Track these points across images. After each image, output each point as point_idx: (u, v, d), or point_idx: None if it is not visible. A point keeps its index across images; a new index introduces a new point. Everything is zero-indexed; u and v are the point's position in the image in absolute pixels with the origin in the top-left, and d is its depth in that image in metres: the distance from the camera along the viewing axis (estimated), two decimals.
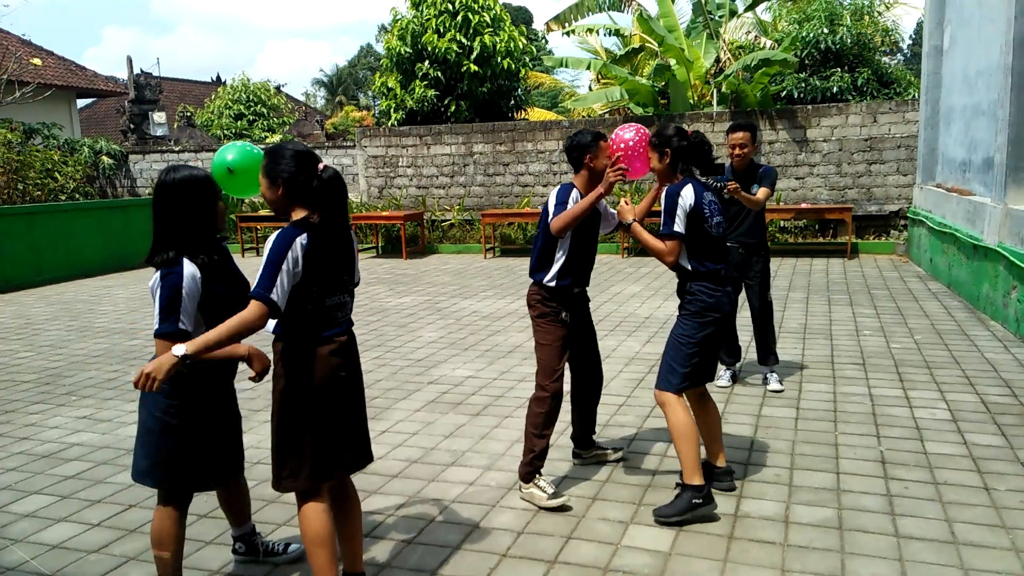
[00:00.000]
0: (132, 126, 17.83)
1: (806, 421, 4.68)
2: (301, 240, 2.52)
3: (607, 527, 3.42)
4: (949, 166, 10.01)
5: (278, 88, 29.06)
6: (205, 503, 3.69)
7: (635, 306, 8.20)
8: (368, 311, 8.61)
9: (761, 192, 5.13)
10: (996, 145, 7.50)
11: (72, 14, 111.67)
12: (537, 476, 3.71)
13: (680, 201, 3.46)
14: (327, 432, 2.67)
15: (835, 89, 13.32)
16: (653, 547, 3.23)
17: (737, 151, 5.16)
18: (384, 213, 13.70)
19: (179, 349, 2.41)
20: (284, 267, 2.48)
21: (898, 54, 20.37)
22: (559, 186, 3.75)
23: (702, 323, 3.54)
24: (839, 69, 13.56)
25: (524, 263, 12.20)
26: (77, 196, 14.08)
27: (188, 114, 20.26)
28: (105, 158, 16.16)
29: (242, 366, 2.84)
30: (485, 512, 3.60)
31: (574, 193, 3.67)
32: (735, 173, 5.25)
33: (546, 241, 3.70)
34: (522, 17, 19.57)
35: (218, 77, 32.24)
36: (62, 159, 14.01)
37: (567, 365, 3.84)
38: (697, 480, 3.43)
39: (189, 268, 2.63)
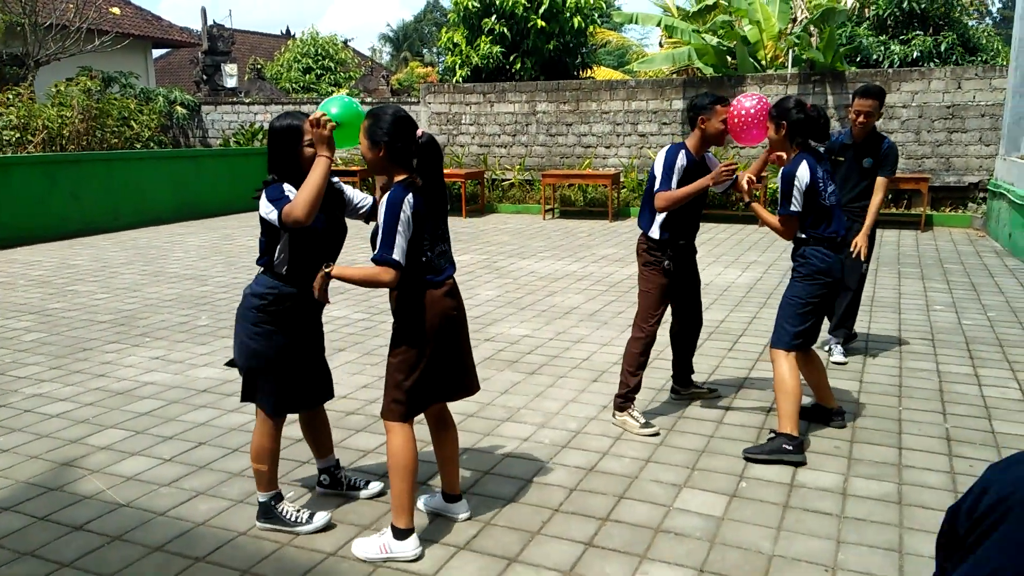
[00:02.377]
0: (205, 77, 18.20)
1: (869, 395, 4.58)
2: (409, 200, 2.75)
3: (660, 489, 3.44)
4: None
5: (345, 43, 29.21)
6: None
7: (713, 275, 8.07)
8: None
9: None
10: None
11: None
12: (630, 407, 4.09)
13: (796, 183, 3.67)
14: (439, 368, 2.93)
15: (916, 54, 12.70)
16: (706, 512, 3.23)
17: (862, 119, 4.93)
18: (446, 171, 13.72)
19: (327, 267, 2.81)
20: (400, 228, 2.73)
21: (987, 18, 19.28)
22: (668, 147, 3.96)
23: (812, 285, 3.77)
24: (922, 32, 12.90)
25: (583, 225, 12.13)
26: (152, 145, 14.49)
27: (258, 67, 20.54)
28: (179, 108, 16.57)
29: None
30: (538, 468, 3.66)
31: (681, 156, 3.90)
32: (854, 141, 5.07)
33: (649, 195, 3.95)
34: None
35: (288, 30, 32.51)
36: (138, 108, 14.39)
37: (669, 311, 4.20)
38: (791, 430, 3.68)
39: (287, 186, 2.93)
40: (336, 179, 3.10)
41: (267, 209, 2.88)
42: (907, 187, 11.42)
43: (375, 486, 3.40)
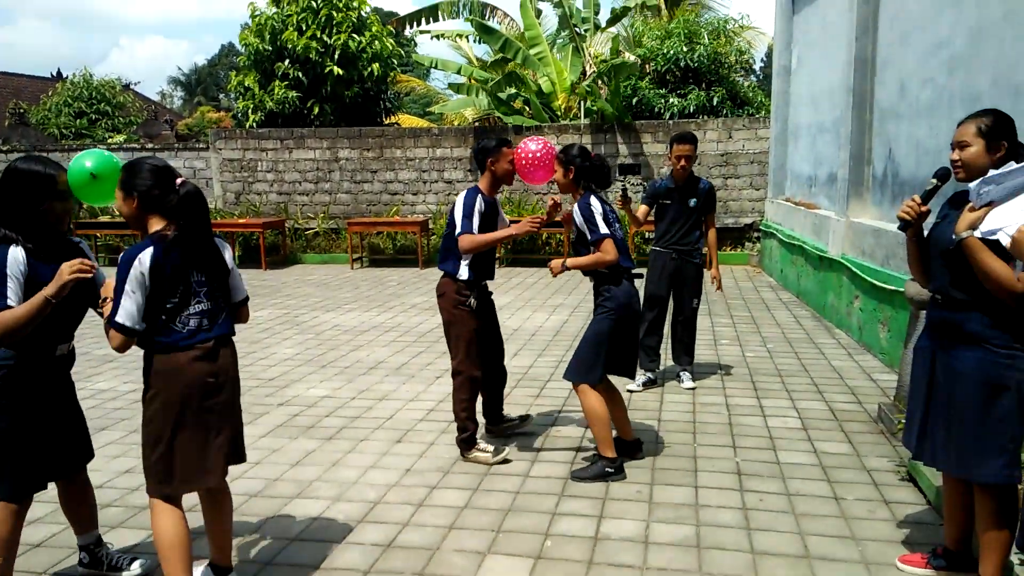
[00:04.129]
0: None
1: (667, 433, 4.67)
2: (143, 257, 2.56)
3: (463, 559, 3.20)
4: (797, 181, 10.57)
5: (127, 86, 27.11)
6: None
7: (505, 317, 8.05)
8: None
9: (640, 212, 5.52)
10: (839, 161, 7.94)
11: None
12: (476, 443, 4.21)
13: (594, 209, 3.91)
14: (197, 440, 2.70)
15: (692, 108, 13.84)
16: None
17: (683, 163, 5.38)
18: (241, 220, 12.94)
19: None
20: (128, 288, 2.54)
21: (751, 75, 21.59)
22: (465, 191, 4.14)
23: (618, 319, 3.95)
24: (696, 87, 14.10)
25: (394, 273, 11.85)
26: None
27: (21, 110, 18.42)
28: None
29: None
30: (328, 551, 3.29)
31: (479, 200, 4.09)
32: (676, 184, 5.49)
33: (453, 240, 4.10)
34: (383, 18, 19.21)
35: (59, 72, 29.65)
36: None
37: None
38: (610, 453, 3.96)
39: (15, 251, 2.64)
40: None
41: None
42: None
43: (138, 565, 3.12)
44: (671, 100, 13.97)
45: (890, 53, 6.95)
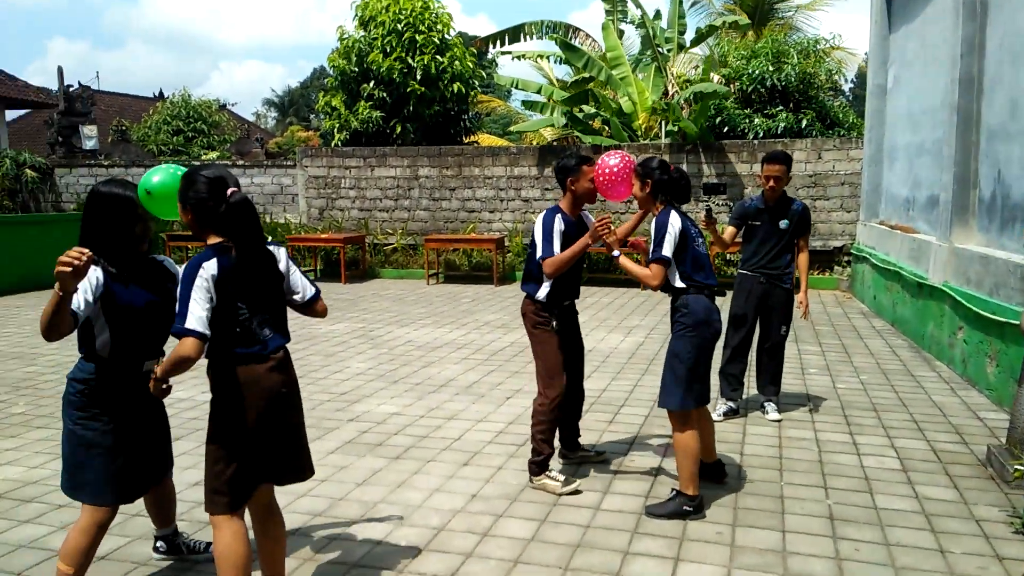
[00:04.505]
0: (60, 139, 16.95)
1: (751, 469, 4.37)
2: (208, 265, 2.53)
3: None
4: (892, 203, 10.01)
5: (223, 106, 28.29)
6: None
7: (596, 340, 7.84)
8: (296, 338, 8.06)
9: (727, 233, 5.32)
10: (941, 184, 7.44)
11: (18, 23, 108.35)
12: (548, 468, 4.03)
13: (669, 228, 3.71)
14: (264, 452, 2.66)
15: (779, 129, 13.36)
16: None
17: (771, 183, 5.15)
18: (323, 235, 13.19)
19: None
20: (194, 295, 2.50)
21: (840, 97, 20.77)
22: (544, 212, 4.02)
23: (696, 337, 3.74)
24: (784, 108, 13.62)
25: (468, 290, 11.81)
26: None
27: (123, 128, 19.40)
28: (29, 171, 15.30)
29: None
30: None
31: (558, 219, 3.96)
32: (766, 204, 5.26)
33: (533, 262, 3.99)
34: (467, 41, 19.46)
35: (160, 93, 31.22)
36: None
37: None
38: (692, 491, 3.70)
39: (94, 271, 2.65)
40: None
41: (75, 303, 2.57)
42: None
43: None
44: (756, 120, 13.53)
45: (999, 72, 6.48)
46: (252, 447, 2.62)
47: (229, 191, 2.59)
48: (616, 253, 3.84)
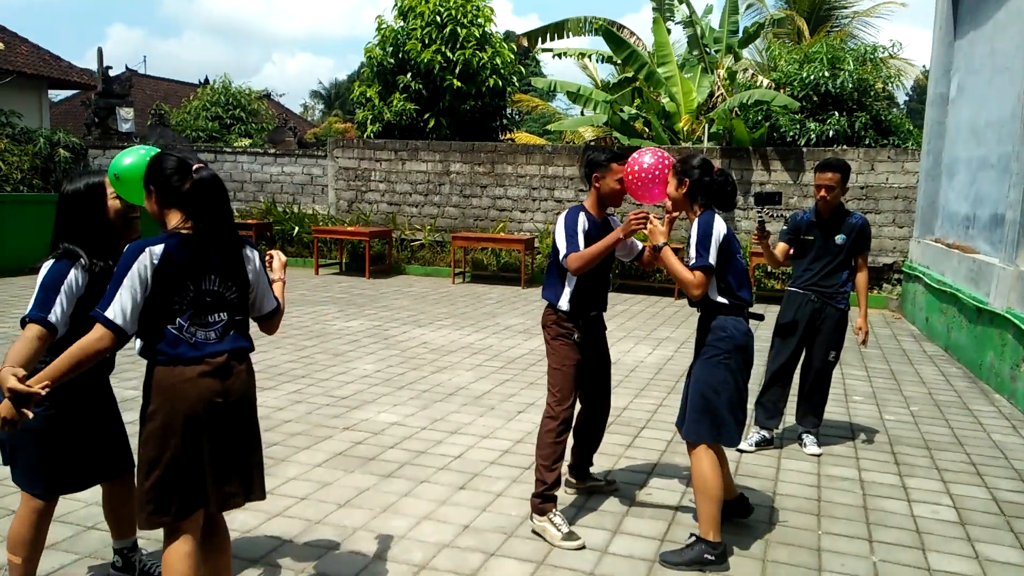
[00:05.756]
0: (96, 120, 16.93)
1: (785, 512, 3.85)
2: (153, 251, 2.29)
3: None
4: (951, 220, 9.31)
5: (267, 95, 28.31)
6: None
7: (622, 351, 7.34)
8: (307, 334, 7.73)
9: (779, 250, 4.80)
10: (1008, 201, 6.79)
11: (79, 7, 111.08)
12: (552, 508, 3.48)
13: (714, 234, 3.27)
14: (196, 468, 2.37)
15: (831, 133, 12.69)
16: None
17: (823, 193, 4.62)
18: (349, 228, 12.87)
19: (9, 380, 2.17)
20: (126, 283, 2.25)
21: (894, 108, 19.75)
22: (566, 211, 3.59)
23: (730, 363, 3.31)
24: (836, 113, 12.95)
25: (494, 290, 11.38)
26: (23, 188, 13.16)
27: (161, 112, 19.39)
28: (62, 151, 15.26)
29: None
30: None
31: (582, 217, 3.53)
32: (819, 218, 4.72)
33: (558, 264, 3.55)
34: (513, 39, 19.03)
35: (206, 79, 31.39)
36: (7, 147, 13.08)
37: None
38: (713, 536, 3.25)
39: (76, 272, 2.55)
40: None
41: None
42: None
43: None
44: (808, 126, 12.86)
45: None
46: (181, 459, 2.34)
47: (195, 166, 2.39)
48: (662, 243, 3.38)
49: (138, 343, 2.39)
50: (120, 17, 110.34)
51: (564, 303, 3.55)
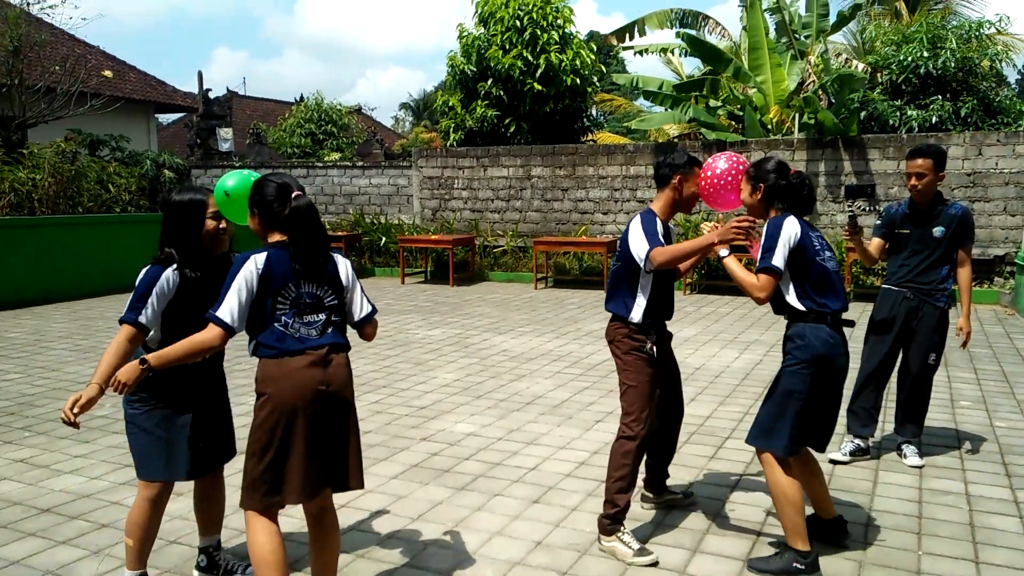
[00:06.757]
0: (199, 141, 17.83)
1: (883, 530, 3.60)
2: (257, 260, 2.58)
3: None
4: None
5: (358, 110, 29.10)
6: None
7: (687, 352, 7.14)
8: (390, 344, 7.85)
9: (873, 246, 4.51)
10: None
11: (186, 34, 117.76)
12: (620, 529, 3.36)
13: (783, 236, 3.11)
14: (302, 454, 2.58)
15: (934, 119, 11.94)
16: None
17: (914, 181, 4.34)
18: (433, 236, 13.04)
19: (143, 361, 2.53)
20: (235, 287, 2.55)
21: (1005, 88, 18.31)
22: (640, 213, 3.46)
23: (809, 375, 3.14)
24: (940, 97, 12.17)
25: (576, 296, 11.27)
26: (130, 209, 13.98)
27: (258, 131, 20.21)
28: (167, 171, 16.13)
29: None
30: None
31: (658, 223, 3.42)
32: (914, 208, 4.45)
33: (628, 272, 3.42)
34: (598, 39, 18.85)
35: (301, 97, 32.61)
36: (116, 171, 13.92)
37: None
38: (800, 545, 3.10)
39: (169, 272, 2.79)
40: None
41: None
42: None
43: (252, 572, 2.96)
44: (908, 112, 12.14)
45: None
46: (288, 446, 2.57)
47: (293, 194, 2.64)
48: (725, 252, 3.25)
49: (250, 345, 2.63)
50: (224, 41, 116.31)
51: (637, 315, 3.40)
